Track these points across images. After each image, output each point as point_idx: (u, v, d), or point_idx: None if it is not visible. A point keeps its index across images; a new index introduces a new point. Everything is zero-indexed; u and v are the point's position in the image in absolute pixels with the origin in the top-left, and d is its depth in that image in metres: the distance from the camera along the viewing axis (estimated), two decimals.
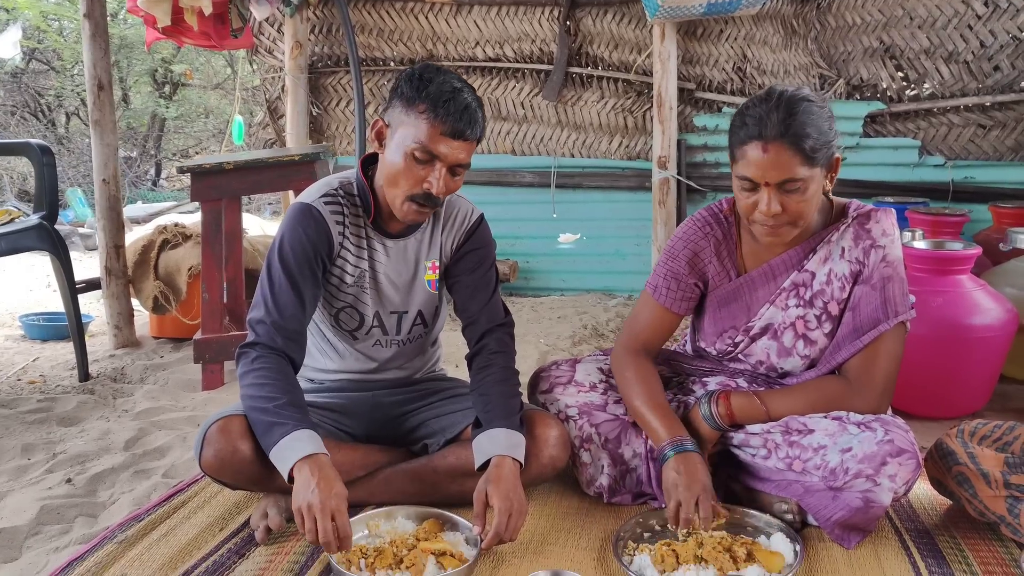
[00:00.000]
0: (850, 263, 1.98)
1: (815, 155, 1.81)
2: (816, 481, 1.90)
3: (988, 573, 1.79)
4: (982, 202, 4.31)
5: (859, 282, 1.97)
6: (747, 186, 1.86)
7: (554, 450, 2.03)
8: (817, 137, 1.80)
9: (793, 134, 1.78)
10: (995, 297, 2.78)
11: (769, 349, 2.08)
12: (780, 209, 1.84)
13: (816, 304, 2.01)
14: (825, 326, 2.02)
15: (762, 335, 2.07)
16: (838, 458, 1.85)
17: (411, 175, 1.88)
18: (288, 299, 1.94)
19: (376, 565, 1.75)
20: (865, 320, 1.96)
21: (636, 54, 4.88)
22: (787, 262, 2.02)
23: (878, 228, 1.97)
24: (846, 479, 1.83)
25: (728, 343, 2.12)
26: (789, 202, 1.84)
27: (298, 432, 1.80)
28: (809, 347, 2.04)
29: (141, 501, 2.38)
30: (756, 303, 2.06)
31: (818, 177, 1.85)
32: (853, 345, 1.96)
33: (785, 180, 1.81)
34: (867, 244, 1.97)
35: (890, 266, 1.96)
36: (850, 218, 1.99)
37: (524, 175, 5.13)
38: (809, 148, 1.79)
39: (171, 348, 4.06)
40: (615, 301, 4.91)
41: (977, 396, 2.82)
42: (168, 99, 10.71)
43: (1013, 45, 4.38)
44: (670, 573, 1.74)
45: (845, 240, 1.98)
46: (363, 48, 5.22)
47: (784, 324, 2.04)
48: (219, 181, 3.43)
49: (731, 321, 2.10)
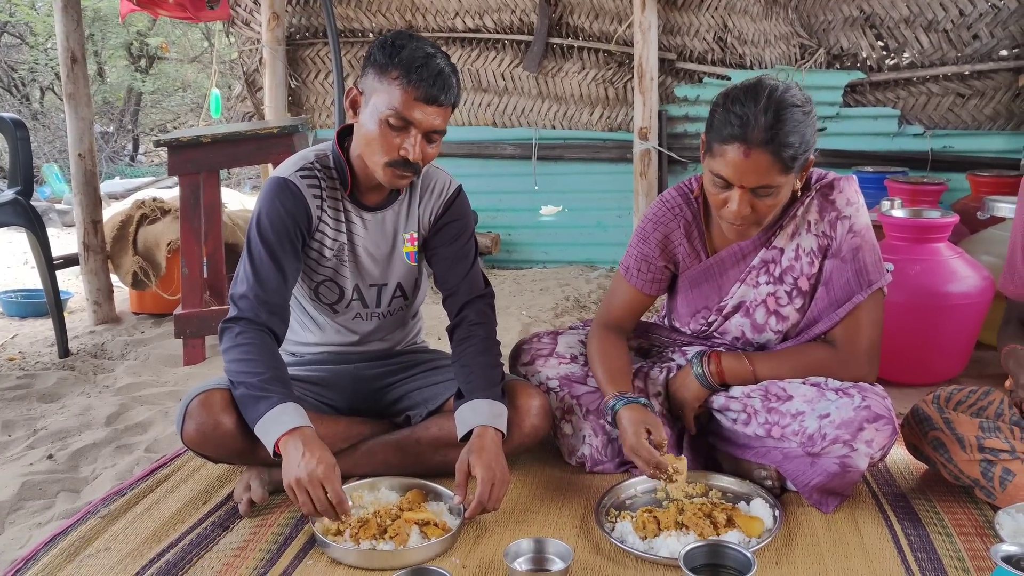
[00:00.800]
0: (817, 237, 1.98)
1: (794, 163, 1.79)
2: (794, 447, 1.93)
3: (963, 535, 1.83)
4: (960, 171, 4.33)
5: (829, 256, 1.98)
6: (720, 184, 1.84)
7: (536, 420, 2.05)
8: (799, 146, 1.78)
9: (778, 143, 1.76)
10: (972, 265, 2.81)
11: (743, 326, 2.09)
12: (750, 211, 1.84)
13: (786, 280, 2.02)
14: (796, 302, 2.03)
15: (735, 313, 2.09)
16: (816, 424, 1.88)
17: (386, 142, 1.86)
18: (270, 273, 1.93)
19: (360, 535, 1.76)
20: (840, 293, 1.97)
21: (617, 24, 4.85)
22: (756, 241, 2.02)
23: (842, 198, 1.96)
24: (823, 445, 1.85)
25: (702, 322, 2.14)
26: (760, 204, 1.84)
27: (283, 406, 1.81)
28: (781, 323, 2.06)
29: (123, 476, 2.38)
30: (727, 283, 2.07)
31: (791, 181, 1.85)
32: (830, 318, 1.98)
33: (761, 186, 1.80)
34: (832, 216, 1.96)
35: (858, 235, 1.96)
36: (813, 190, 1.98)
37: (505, 147, 5.11)
38: (789, 157, 1.77)
39: (151, 323, 4.04)
40: (597, 273, 4.92)
41: (954, 363, 2.86)
42: (144, 73, 10.54)
43: (992, 14, 4.39)
44: (651, 539, 1.76)
45: (811, 213, 1.98)
46: (341, 19, 5.17)
47: (756, 301, 2.05)
48: (197, 155, 3.40)
49: (703, 301, 2.12)
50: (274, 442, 1.78)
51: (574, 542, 1.80)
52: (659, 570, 1.70)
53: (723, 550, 1.56)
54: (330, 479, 1.74)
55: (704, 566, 1.54)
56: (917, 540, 1.81)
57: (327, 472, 1.74)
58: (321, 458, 1.75)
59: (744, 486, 1.98)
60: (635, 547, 1.74)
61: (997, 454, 1.89)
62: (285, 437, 1.78)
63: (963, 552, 1.75)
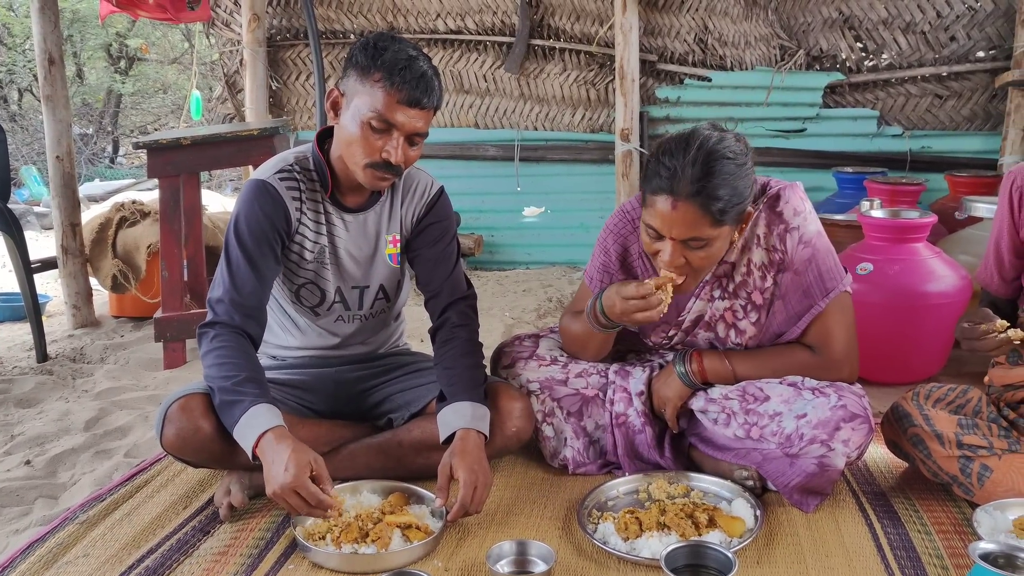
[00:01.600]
0: (768, 251, 1.97)
1: (724, 216, 1.78)
2: (773, 448, 1.94)
3: (942, 533, 1.84)
4: (939, 171, 4.37)
5: (783, 270, 1.97)
6: (652, 234, 1.84)
7: (519, 422, 2.04)
8: (729, 199, 1.77)
9: (705, 195, 1.74)
10: (950, 264, 2.83)
11: (710, 339, 2.10)
12: (683, 262, 1.83)
13: (740, 295, 2.01)
14: (751, 316, 2.02)
15: (694, 326, 2.09)
16: (793, 424, 1.89)
17: (368, 145, 1.86)
18: (246, 277, 1.92)
19: (342, 539, 1.75)
20: (798, 306, 1.98)
21: (598, 26, 4.86)
22: None
23: (788, 209, 1.95)
24: (801, 445, 1.87)
25: (662, 336, 2.15)
26: (692, 257, 1.83)
27: (253, 409, 1.79)
28: (739, 336, 2.06)
29: (102, 481, 2.36)
30: (683, 299, 2.05)
31: (726, 234, 1.84)
32: (791, 332, 2.01)
33: (690, 238, 1.80)
34: (781, 229, 1.95)
35: (808, 245, 1.95)
36: (760, 204, 1.97)
37: (488, 148, 5.10)
38: (718, 210, 1.76)
39: (131, 327, 4.01)
40: (579, 274, 4.93)
41: (933, 361, 2.88)
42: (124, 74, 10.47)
43: (968, 15, 4.43)
44: (633, 540, 1.76)
45: (759, 227, 1.97)
46: (322, 21, 5.15)
47: (715, 316, 2.05)
48: (176, 157, 3.38)
49: (663, 317, 2.08)
50: (251, 448, 1.77)
51: (557, 544, 1.80)
52: (641, 571, 1.70)
53: (704, 550, 1.57)
54: (301, 485, 1.71)
55: (685, 567, 1.55)
56: (897, 538, 1.82)
57: (296, 479, 1.70)
58: (287, 464, 1.71)
59: (726, 487, 1.98)
60: (617, 548, 1.74)
61: (975, 450, 1.91)
62: (259, 445, 1.76)
63: (942, 550, 1.77)
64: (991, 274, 2.09)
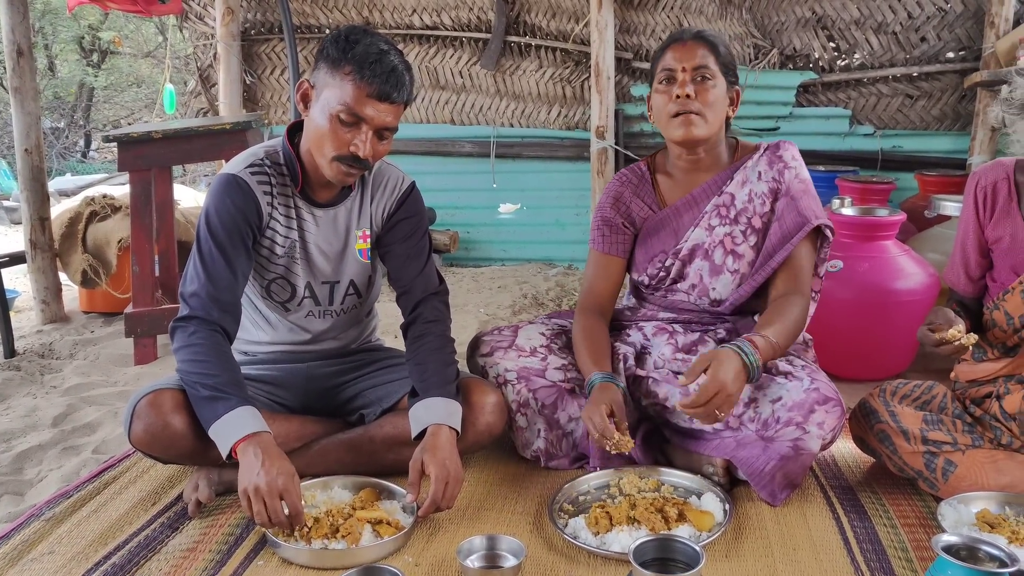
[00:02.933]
0: (768, 183, 2.17)
1: (725, 61, 2.10)
2: (750, 433, 1.96)
3: (907, 526, 1.87)
4: (909, 170, 4.44)
5: (779, 196, 2.16)
6: (664, 78, 2.10)
7: (491, 417, 2.05)
8: (726, 51, 2.12)
9: (707, 38, 2.11)
10: (918, 262, 2.87)
11: (702, 270, 2.18)
12: (693, 94, 2.06)
13: (740, 221, 2.17)
14: (750, 239, 2.17)
15: (691, 256, 2.19)
16: (769, 408, 1.93)
17: (337, 138, 1.85)
18: (221, 270, 1.91)
19: (312, 535, 1.75)
20: (790, 226, 2.12)
21: (574, 23, 4.87)
22: (707, 190, 2.20)
23: (788, 154, 2.19)
24: (777, 427, 1.90)
25: (659, 266, 2.23)
26: (700, 90, 2.07)
27: (242, 409, 1.79)
28: (737, 261, 2.16)
29: (70, 478, 2.34)
30: (682, 228, 2.21)
31: (724, 88, 2.11)
32: (785, 249, 2.11)
33: (699, 66, 2.07)
34: (781, 166, 2.17)
35: (803, 183, 2.17)
36: (762, 148, 2.22)
37: (463, 145, 5.10)
38: (722, 51, 2.10)
39: (102, 322, 3.97)
40: (555, 270, 4.93)
41: (901, 358, 2.92)
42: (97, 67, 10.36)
43: (939, 16, 4.49)
44: (604, 534, 1.77)
45: (760, 165, 2.19)
46: (297, 15, 5.12)
47: (713, 243, 2.18)
48: (147, 151, 3.34)
49: (660, 246, 2.23)
50: (231, 445, 1.76)
51: (528, 538, 1.80)
52: (611, 565, 1.71)
53: (672, 544, 1.57)
54: (289, 490, 1.72)
55: (654, 560, 1.55)
56: (863, 532, 1.84)
57: (287, 483, 1.72)
58: (281, 468, 1.72)
59: (695, 481, 2.00)
60: (587, 543, 1.75)
61: (940, 446, 1.93)
62: (243, 442, 1.75)
63: (907, 543, 1.79)
64: (958, 274, 2.11)
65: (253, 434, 1.76)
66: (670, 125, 2.11)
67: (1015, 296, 1.93)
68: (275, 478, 1.70)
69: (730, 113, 2.17)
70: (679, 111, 2.07)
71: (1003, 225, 2.00)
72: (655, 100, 2.15)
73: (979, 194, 2.04)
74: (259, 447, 1.74)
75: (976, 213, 2.04)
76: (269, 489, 1.69)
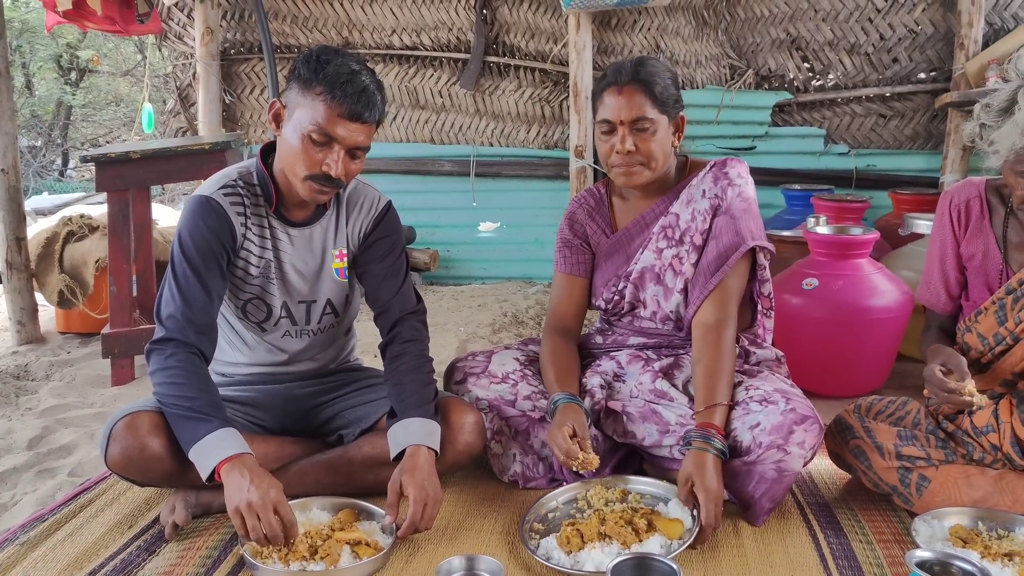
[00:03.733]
0: (710, 199, 2.17)
1: (664, 100, 2.08)
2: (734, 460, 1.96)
3: (882, 542, 1.88)
4: (884, 189, 4.50)
5: (718, 214, 2.15)
6: (605, 128, 2.10)
7: (470, 436, 2.05)
8: (664, 86, 2.09)
9: (643, 79, 2.07)
10: (892, 280, 2.91)
11: (657, 295, 2.21)
12: (633, 147, 2.07)
13: (685, 241, 2.18)
14: (691, 257, 2.17)
15: (642, 279, 2.21)
16: (749, 435, 1.92)
17: (309, 157, 1.86)
18: (196, 292, 1.90)
19: (290, 557, 1.74)
20: (727, 245, 2.11)
21: (552, 44, 4.92)
22: (655, 211, 2.23)
23: (734, 171, 2.19)
24: (760, 452, 1.90)
25: (613, 291, 2.25)
26: (640, 141, 2.08)
27: (223, 431, 1.79)
28: (680, 278, 2.18)
29: (45, 501, 2.31)
30: (633, 251, 2.24)
31: (666, 125, 2.11)
32: (721, 270, 2.09)
33: (637, 118, 2.06)
34: (725, 183, 2.17)
35: (745, 201, 2.15)
36: (709, 166, 2.22)
37: (443, 164, 5.12)
38: (658, 92, 2.07)
39: (78, 343, 3.93)
40: (535, 289, 4.95)
41: (877, 375, 2.95)
42: (75, 86, 10.31)
43: (910, 38, 4.57)
44: (576, 553, 1.77)
45: (705, 182, 2.19)
46: (277, 35, 5.13)
47: (663, 266, 2.19)
48: (125, 171, 3.34)
49: (614, 270, 2.26)
50: (214, 467, 1.75)
51: (506, 558, 1.80)
52: None
53: (649, 563, 1.58)
54: (282, 503, 1.72)
55: None
56: (839, 548, 1.86)
57: (279, 496, 1.72)
58: (271, 483, 1.74)
59: (660, 487, 2.02)
60: (561, 563, 1.75)
61: (914, 461, 1.96)
62: (227, 464, 1.75)
63: (882, 558, 1.81)
64: (937, 294, 2.10)
65: (236, 455, 1.76)
66: (613, 172, 2.15)
67: (988, 317, 1.96)
68: (267, 492, 1.71)
69: (675, 142, 2.17)
70: (621, 164, 2.11)
71: (976, 242, 2.03)
72: (599, 145, 2.16)
73: (953, 212, 2.06)
74: (244, 467, 1.74)
75: (952, 230, 2.06)
76: (263, 503, 1.69)
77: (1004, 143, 1.81)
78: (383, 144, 5.10)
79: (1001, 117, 1.84)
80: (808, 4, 4.64)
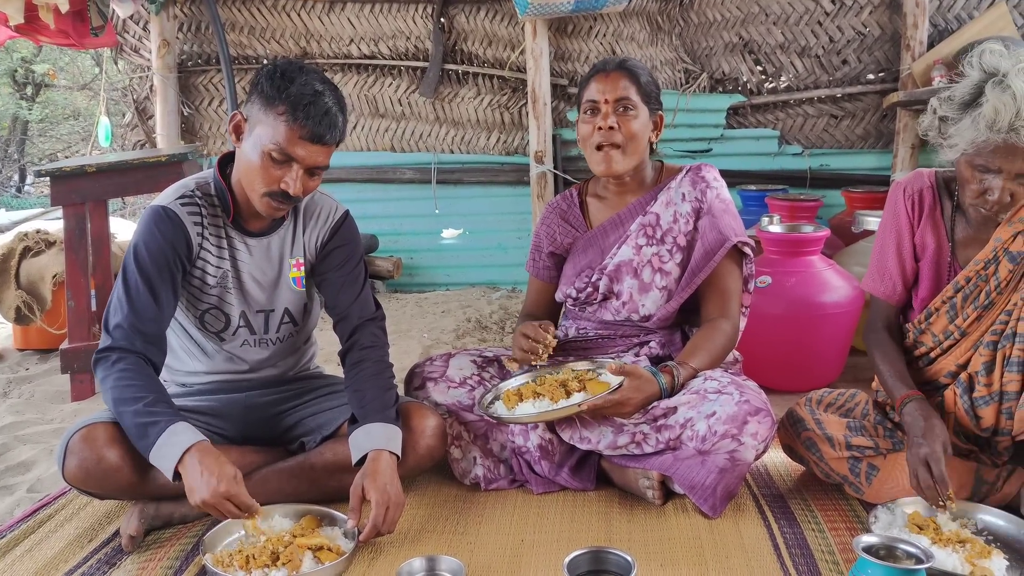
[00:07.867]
0: (691, 202, 2.27)
1: (647, 91, 2.22)
2: (689, 449, 2.01)
3: (833, 530, 1.94)
4: (837, 187, 4.59)
5: (701, 215, 2.26)
6: (588, 108, 2.22)
7: (431, 440, 2.07)
8: (647, 81, 2.23)
9: (629, 68, 2.22)
10: (843, 275, 2.98)
11: (632, 288, 2.27)
12: (616, 125, 2.17)
13: (667, 240, 2.26)
14: (676, 257, 2.26)
15: (618, 273, 2.27)
16: (705, 424, 1.98)
17: (267, 174, 1.87)
18: (146, 302, 1.91)
19: (253, 564, 1.75)
20: (712, 243, 2.22)
21: (510, 51, 4.96)
22: (632, 210, 2.31)
23: (710, 175, 2.31)
24: (715, 441, 1.95)
25: (586, 280, 2.32)
26: (622, 121, 2.18)
27: (172, 427, 1.79)
28: (665, 278, 2.26)
29: (3, 518, 2.29)
30: (609, 246, 2.32)
31: (646, 117, 2.23)
32: (708, 266, 2.21)
33: (622, 97, 2.18)
34: (703, 187, 2.28)
35: (724, 202, 2.28)
36: (685, 170, 2.33)
37: (404, 172, 5.13)
38: (643, 82, 2.21)
39: (37, 359, 3.89)
40: (499, 294, 4.98)
41: (830, 369, 3.01)
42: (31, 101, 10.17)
43: (858, 40, 4.68)
44: (513, 409, 2.07)
45: (684, 187, 2.29)
46: (234, 46, 5.12)
47: (641, 262, 2.26)
48: (81, 184, 3.31)
49: (587, 262, 2.34)
50: (172, 467, 1.76)
51: (467, 558, 1.82)
52: None
53: (605, 556, 1.62)
54: (233, 494, 1.76)
55: (588, 573, 1.60)
56: (792, 537, 1.91)
57: (229, 487, 1.75)
58: (222, 474, 1.75)
59: (593, 363, 2.23)
60: (500, 413, 2.08)
61: (863, 451, 2.01)
62: (181, 461, 1.76)
63: (834, 546, 1.86)
64: (893, 284, 2.08)
65: (188, 448, 1.77)
66: (593, 158, 2.24)
67: (941, 318, 1.99)
68: (216, 487, 1.74)
69: (653, 138, 2.29)
70: (602, 143, 2.20)
71: (929, 233, 2.03)
72: (580, 129, 2.27)
73: (907, 201, 2.04)
74: (196, 459, 1.77)
75: (909, 218, 2.04)
76: (215, 500, 1.74)
77: (964, 136, 1.80)
78: (344, 153, 5.10)
79: (963, 111, 1.84)
80: (759, 8, 4.73)
